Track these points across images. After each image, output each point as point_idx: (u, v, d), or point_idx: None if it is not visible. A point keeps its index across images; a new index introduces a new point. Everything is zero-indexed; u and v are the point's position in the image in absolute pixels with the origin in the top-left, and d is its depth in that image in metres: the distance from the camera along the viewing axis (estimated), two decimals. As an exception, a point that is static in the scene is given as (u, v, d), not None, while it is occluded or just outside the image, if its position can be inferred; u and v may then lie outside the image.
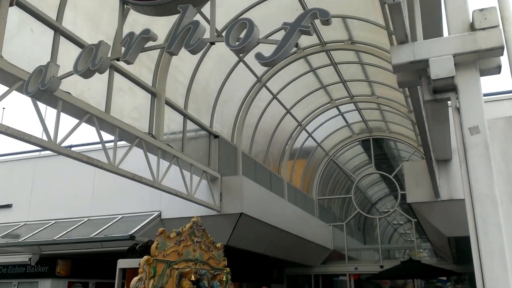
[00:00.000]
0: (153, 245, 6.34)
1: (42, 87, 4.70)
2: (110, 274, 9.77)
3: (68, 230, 10.87)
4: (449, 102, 3.42)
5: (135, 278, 5.85)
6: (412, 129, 13.95)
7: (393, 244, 25.85)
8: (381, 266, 16.25)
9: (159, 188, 8.50)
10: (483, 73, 3.27)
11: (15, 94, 5.94)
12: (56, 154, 11.65)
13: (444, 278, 17.37)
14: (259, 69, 11.89)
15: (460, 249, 11.16)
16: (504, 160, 2.89)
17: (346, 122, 17.54)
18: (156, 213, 10.96)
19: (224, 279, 8.23)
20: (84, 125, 7.16)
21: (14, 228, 11.83)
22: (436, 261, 16.40)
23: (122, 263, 6.48)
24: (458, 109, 3.18)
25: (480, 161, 2.85)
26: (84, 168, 11.29)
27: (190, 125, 10.54)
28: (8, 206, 12.83)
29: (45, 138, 6.12)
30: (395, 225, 26.40)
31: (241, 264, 14.79)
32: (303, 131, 16.03)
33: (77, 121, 6.92)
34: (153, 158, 8.54)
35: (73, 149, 9.65)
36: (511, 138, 2.98)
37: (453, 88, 3.25)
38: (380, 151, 19.62)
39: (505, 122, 3.08)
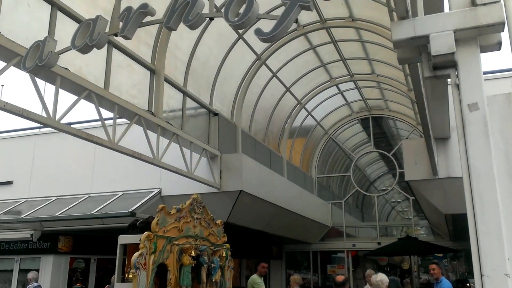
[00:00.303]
0: (154, 221, 6.40)
1: (40, 62, 4.67)
2: (112, 250, 9.89)
3: (69, 206, 10.93)
4: (449, 80, 3.41)
5: (136, 254, 5.92)
6: (411, 107, 13.93)
7: (391, 222, 26.07)
8: (379, 243, 16.43)
9: (159, 165, 8.52)
10: (484, 49, 3.26)
11: (14, 71, 5.92)
12: (56, 131, 11.76)
13: (440, 255, 17.56)
14: (259, 47, 11.80)
15: (457, 227, 11.26)
16: (503, 137, 2.90)
17: (346, 100, 17.49)
18: (156, 190, 11.02)
19: (224, 255, 8.33)
20: (83, 103, 7.16)
21: (15, 205, 11.90)
22: (433, 238, 16.55)
23: (123, 239, 6.54)
24: (457, 86, 3.17)
25: (479, 138, 2.85)
26: (84, 146, 11.35)
27: (190, 103, 10.52)
28: (9, 183, 12.89)
29: (44, 114, 6.12)
30: (393, 203, 26.58)
31: (241, 240, 14.94)
32: (303, 109, 16.00)
33: (76, 98, 6.90)
34: (152, 135, 8.55)
35: (72, 126, 9.64)
36: (510, 115, 2.98)
37: (453, 65, 3.24)
38: (379, 130, 19.64)
39: (505, 99, 3.08)
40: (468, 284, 15.31)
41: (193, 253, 7.00)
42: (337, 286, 7.35)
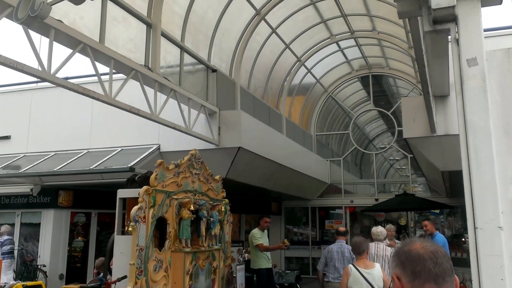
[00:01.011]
0: (152, 176, 6.46)
1: (32, 13, 4.59)
2: (112, 205, 10.00)
3: (68, 161, 10.99)
4: (449, 37, 3.35)
5: (135, 207, 6.01)
6: (411, 66, 13.80)
7: (389, 179, 26.35)
8: (376, 200, 16.68)
9: (157, 120, 8.51)
10: (484, 3, 3.18)
11: (7, 23, 5.80)
12: (53, 86, 11.65)
13: (437, 211, 17.84)
14: (258, 1, 11.56)
15: (453, 183, 11.37)
16: (501, 93, 2.88)
17: (346, 58, 17.30)
18: (155, 146, 11.06)
19: (222, 209, 8.46)
20: (79, 57, 7.06)
21: (13, 160, 11.96)
22: (430, 195, 16.80)
23: (122, 193, 6.62)
24: (457, 41, 3.12)
25: (476, 93, 2.83)
26: (82, 101, 11.30)
27: (188, 59, 10.39)
28: (7, 137, 12.91)
29: (38, 68, 6.04)
30: (391, 161, 26.79)
31: (241, 196, 15.15)
32: (302, 67, 15.84)
33: (71, 51, 6.80)
34: (150, 91, 8.49)
35: (69, 81, 9.56)
36: (508, 71, 2.95)
37: (453, 19, 3.17)
38: (379, 88, 19.54)
39: (504, 54, 3.04)
40: (463, 239, 15.64)
41: (192, 207, 7.11)
42: (339, 235, 8.20)
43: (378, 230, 7.64)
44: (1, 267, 8.57)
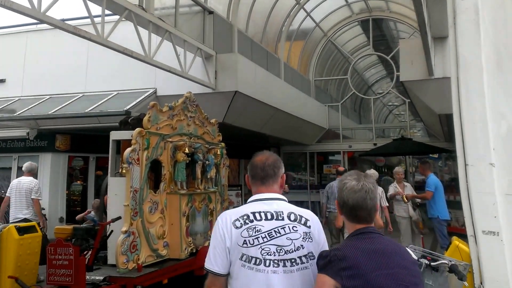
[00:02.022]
0: (145, 118, 6.42)
1: None
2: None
3: (64, 105, 10.90)
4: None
5: (129, 149, 6.00)
6: (413, 8, 13.38)
7: (387, 124, 26.36)
8: (375, 144, 16.72)
9: (151, 63, 8.36)
10: None
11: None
12: (49, 28, 11.38)
13: (436, 156, 17.96)
14: None
15: (451, 127, 11.30)
16: (494, 27, 2.78)
17: (346, 1, 16.81)
18: (151, 90, 10.95)
19: (219, 153, 8.48)
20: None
21: (8, 103, 11.85)
22: (428, 139, 16.82)
23: (115, 135, 6.60)
24: (452, -27, 2.99)
25: (469, 27, 2.74)
26: (77, 43, 11.08)
27: (183, 0, 10.09)
28: (2, 81, 12.75)
29: (28, 5, 5.85)
30: (390, 106, 26.72)
31: (239, 142, 15.18)
32: (301, 10, 15.41)
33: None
34: (144, 33, 8.29)
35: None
36: (502, 4, 2.84)
37: (452, -49, 3.02)
38: (379, 32, 19.12)
39: (500, -13, 2.91)
40: None
41: (187, 150, 7.11)
42: (339, 174, 9.70)
43: (371, 172, 8.81)
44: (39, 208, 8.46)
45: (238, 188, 14.00)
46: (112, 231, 5.83)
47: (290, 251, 2.18)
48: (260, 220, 2.24)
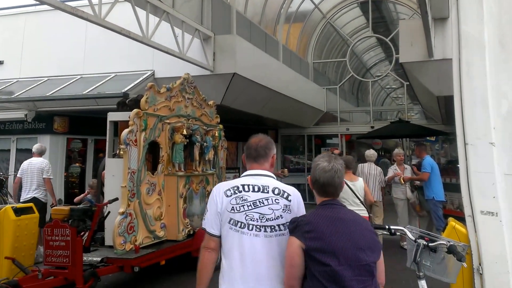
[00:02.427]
0: (143, 99, 6.39)
1: None
2: (107, 131, 9.94)
3: (61, 87, 10.80)
4: None
5: (126, 130, 5.98)
6: (413, -10, 13.26)
7: (385, 107, 26.28)
8: (372, 127, 16.68)
9: (149, 44, 8.27)
10: None
11: None
12: (46, 9, 11.26)
13: (433, 139, 17.96)
14: None
15: (449, 110, 11.24)
16: (497, 3, 2.72)
17: (346, -19, 16.63)
18: (149, 72, 10.85)
19: (217, 135, 8.47)
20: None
21: (6, 85, 11.73)
22: (426, 122, 16.78)
23: (112, 116, 6.58)
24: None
25: (472, 4, 2.68)
26: (75, 26, 10.97)
27: (181, -20, 9.94)
28: (0, 62, 12.66)
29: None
30: (388, 89, 26.64)
31: (237, 125, 15.14)
32: (301, -10, 15.25)
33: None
34: (142, 13, 8.17)
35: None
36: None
37: None
38: (378, 14, 18.92)
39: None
40: (458, 165, 15.76)
41: (184, 132, 7.10)
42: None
43: (371, 153, 9.20)
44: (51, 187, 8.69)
45: (236, 171, 13.99)
46: (109, 212, 5.84)
47: (271, 219, 2.56)
48: (248, 191, 2.61)
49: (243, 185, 2.65)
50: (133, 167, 6.08)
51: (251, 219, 2.55)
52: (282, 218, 2.57)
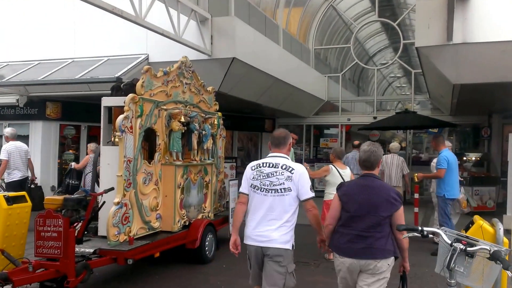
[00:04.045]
0: (138, 83, 6.00)
1: None
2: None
3: (53, 71, 10.37)
4: None
5: (121, 116, 5.62)
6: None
7: (387, 96, 25.72)
8: (375, 118, 16.22)
9: (143, 24, 7.85)
10: None
11: None
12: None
13: (435, 130, 17.67)
14: None
15: (462, 99, 10.77)
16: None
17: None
18: (143, 56, 10.43)
19: (215, 123, 8.09)
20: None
21: (-4, 68, 11.37)
22: (430, 113, 16.34)
23: (107, 101, 6.19)
24: None
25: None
26: (65, 7, 10.53)
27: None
28: (-11, 45, 12.20)
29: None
30: (391, 78, 26.11)
31: (233, 113, 14.75)
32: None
33: None
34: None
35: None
36: None
37: None
38: (384, -4, 18.18)
39: None
40: (464, 158, 15.48)
41: (182, 119, 6.72)
42: (355, 147, 12.18)
43: (395, 145, 10.94)
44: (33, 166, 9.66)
45: (233, 161, 13.62)
46: (104, 202, 5.49)
47: (276, 185, 3.79)
48: (265, 167, 3.89)
49: (263, 163, 3.93)
50: (129, 156, 5.72)
51: (263, 185, 3.82)
52: (284, 184, 3.78)
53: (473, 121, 16.15)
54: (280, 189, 3.75)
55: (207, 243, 6.97)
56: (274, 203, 3.76)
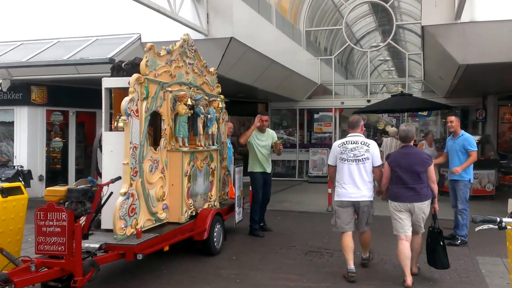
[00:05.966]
0: (143, 62, 5.46)
1: None
2: (91, 103, 8.97)
3: (38, 52, 9.68)
4: None
5: (127, 98, 5.09)
6: None
7: (381, 79, 25.44)
8: (368, 101, 15.96)
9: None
10: None
11: None
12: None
13: (425, 113, 17.47)
14: None
15: (464, 80, 10.52)
16: None
17: None
18: (135, 36, 9.82)
19: (219, 106, 7.61)
20: None
21: (-25, 49, 10.59)
22: (421, 95, 16.16)
23: (108, 82, 5.63)
24: None
25: None
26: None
27: None
28: (-32, 25, 11.38)
29: None
30: (380, 61, 25.84)
31: (225, 97, 14.19)
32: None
33: None
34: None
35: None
36: None
37: None
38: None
39: None
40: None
41: (188, 102, 6.23)
42: (386, 133, 13.64)
43: (393, 130, 11.95)
44: None
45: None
46: (111, 193, 4.98)
47: (358, 155, 5.40)
48: (348, 144, 5.47)
49: (346, 141, 5.50)
50: (135, 142, 5.22)
51: (349, 157, 5.40)
52: (364, 156, 5.39)
53: (466, 103, 15.98)
54: (362, 158, 5.38)
55: (215, 233, 6.55)
56: (359, 169, 5.38)
